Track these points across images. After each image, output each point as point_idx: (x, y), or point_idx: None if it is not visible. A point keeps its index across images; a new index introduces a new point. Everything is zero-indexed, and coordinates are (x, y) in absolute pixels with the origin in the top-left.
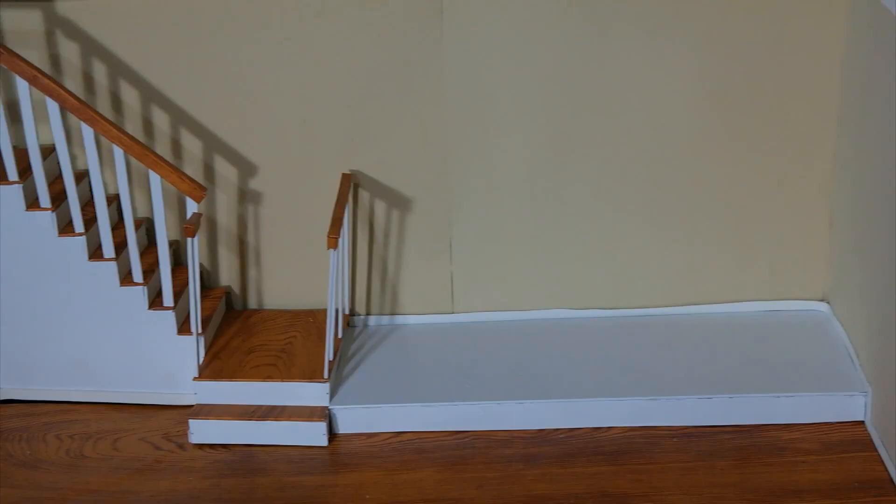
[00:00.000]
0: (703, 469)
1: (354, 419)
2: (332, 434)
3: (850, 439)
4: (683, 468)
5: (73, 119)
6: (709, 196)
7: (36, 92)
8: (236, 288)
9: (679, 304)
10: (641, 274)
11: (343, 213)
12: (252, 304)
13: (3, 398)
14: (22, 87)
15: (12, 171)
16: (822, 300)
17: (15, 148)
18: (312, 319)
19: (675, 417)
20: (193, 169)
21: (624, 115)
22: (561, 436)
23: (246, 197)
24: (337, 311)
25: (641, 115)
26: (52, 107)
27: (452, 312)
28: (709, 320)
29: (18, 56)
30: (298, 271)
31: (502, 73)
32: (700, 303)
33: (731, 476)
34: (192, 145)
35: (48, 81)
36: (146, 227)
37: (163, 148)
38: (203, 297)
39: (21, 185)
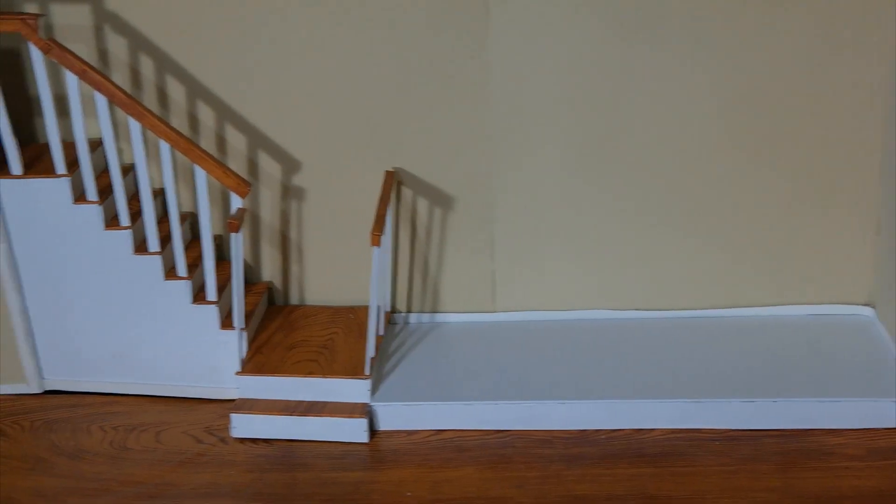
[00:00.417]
0: (747, 473)
1: (395, 416)
2: (372, 431)
3: None
4: (726, 472)
5: (119, 113)
6: (754, 199)
7: (84, 86)
8: (278, 283)
9: (723, 307)
10: (684, 276)
11: (386, 210)
12: (294, 299)
13: (47, 389)
14: (71, 81)
15: (60, 165)
16: (867, 304)
17: (62, 142)
18: (353, 316)
19: (718, 420)
20: (237, 164)
21: (666, 117)
22: (602, 437)
23: (289, 193)
24: (378, 308)
25: (683, 119)
26: (101, 101)
27: (493, 311)
28: (753, 323)
29: (68, 50)
30: (340, 268)
31: (544, 73)
32: (744, 305)
33: (774, 480)
34: (237, 141)
35: (97, 76)
36: (189, 222)
37: (207, 143)
38: (245, 292)
39: (69, 179)
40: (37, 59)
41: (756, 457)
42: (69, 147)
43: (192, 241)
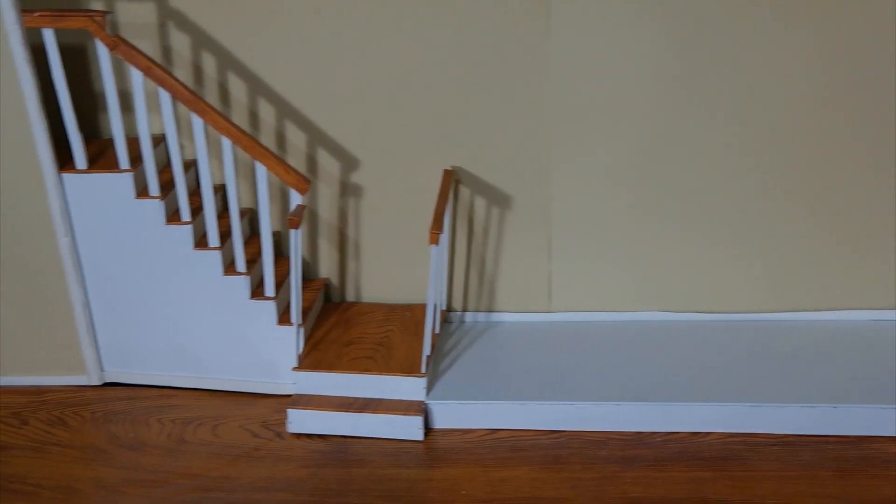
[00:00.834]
0: (805, 479)
1: (450, 415)
2: (427, 428)
3: None
4: (784, 477)
5: (181, 110)
6: (817, 202)
7: (147, 82)
8: (335, 280)
9: (783, 311)
10: (744, 278)
11: (444, 208)
12: (350, 296)
13: (107, 381)
14: (136, 77)
15: (124, 160)
16: None
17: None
18: (409, 314)
19: (775, 425)
20: (296, 161)
21: (729, 119)
22: (658, 439)
23: (347, 190)
24: (435, 306)
25: (748, 119)
26: (165, 97)
27: (550, 311)
28: (813, 327)
29: (134, 47)
30: (396, 265)
31: (605, 74)
32: (805, 309)
33: (832, 487)
34: (296, 138)
35: (161, 72)
36: (248, 218)
37: (267, 140)
38: (303, 288)
39: (132, 174)
40: (103, 56)
41: (814, 463)
42: (132, 142)
43: (251, 236)
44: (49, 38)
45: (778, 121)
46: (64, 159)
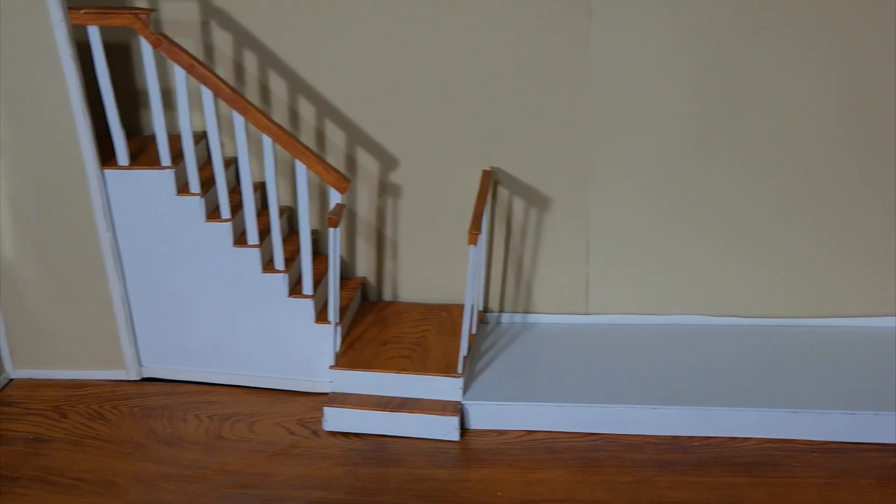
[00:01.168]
0: (845, 486)
1: (486, 415)
2: (463, 429)
3: None
4: (823, 484)
5: (221, 107)
6: (856, 207)
7: (189, 80)
8: (372, 279)
9: (823, 316)
10: (783, 283)
11: (483, 209)
12: (387, 296)
13: (145, 376)
14: (179, 75)
15: (166, 157)
16: None
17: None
18: (446, 314)
19: (815, 431)
20: (336, 160)
21: (767, 122)
22: (695, 443)
23: (385, 189)
24: (472, 306)
25: (786, 123)
26: (207, 95)
27: (586, 314)
28: (854, 333)
29: (177, 45)
30: (434, 265)
31: (646, 76)
32: (846, 315)
33: (873, 495)
34: (336, 137)
35: (204, 70)
36: (287, 216)
37: (307, 138)
38: (340, 287)
39: (173, 171)
40: (147, 53)
41: (854, 471)
42: (172, 139)
43: (289, 234)
44: (94, 35)
45: (816, 129)
46: (106, 155)
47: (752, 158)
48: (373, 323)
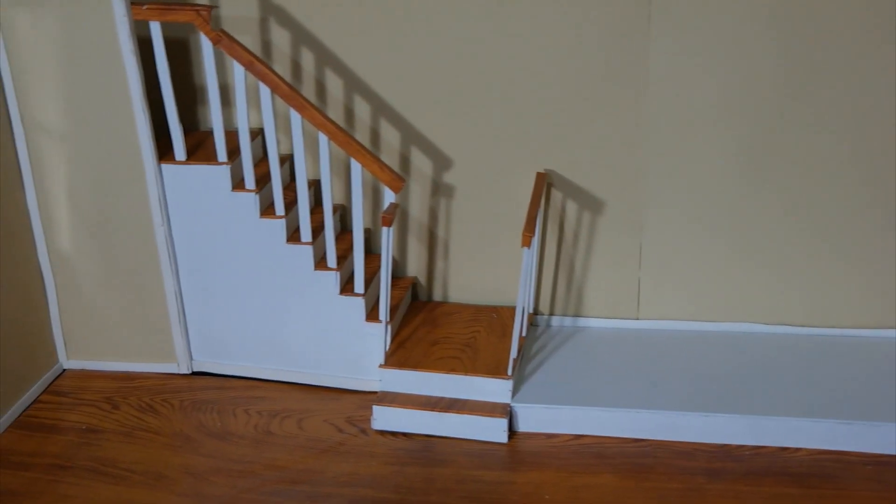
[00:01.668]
0: None
1: (535, 418)
2: (511, 431)
3: None
4: (877, 498)
5: (277, 104)
6: None
7: (247, 76)
8: (423, 279)
9: (878, 327)
10: (839, 293)
11: (537, 211)
12: (437, 296)
13: (195, 370)
14: (238, 72)
15: (222, 153)
16: None
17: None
18: (496, 315)
19: (869, 443)
20: (389, 159)
21: (829, 132)
22: (746, 452)
23: (439, 190)
24: (523, 309)
25: (848, 134)
26: (265, 92)
27: (637, 318)
28: None
29: (237, 42)
30: (485, 266)
31: (705, 81)
32: None
33: None
34: (391, 136)
35: (262, 67)
36: (339, 214)
37: (362, 137)
38: (391, 286)
39: (229, 167)
40: (206, 50)
41: None
42: (228, 136)
43: (341, 232)
44: (156, 30)
45: (880, 136)
46: (163, 150)
47: (809, 167)
48: (423, 323)
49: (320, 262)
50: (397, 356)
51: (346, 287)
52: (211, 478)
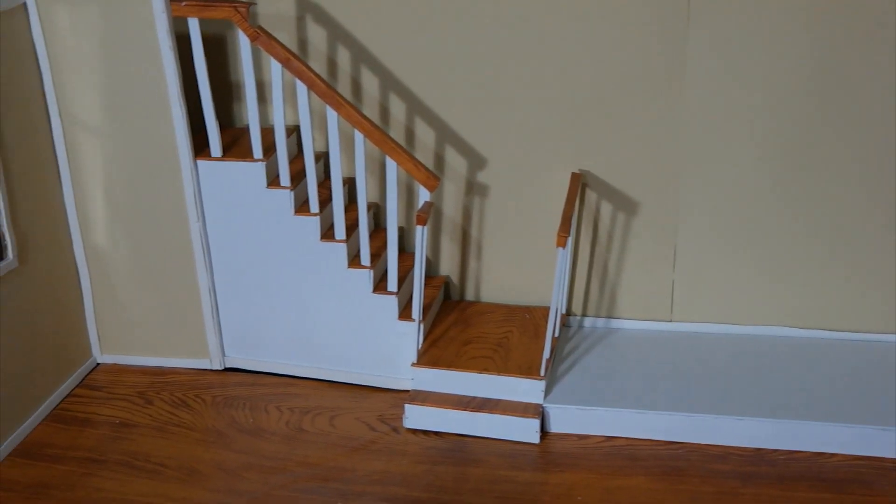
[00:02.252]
0: None
1: (567, 419)
2: (543, 432)
3: None
4: None
5: (312, 101)
6: None
7: (283, 73)
8: (455, 278)
9: None
10: (874, 299)
11: (572, 211)
12: (469, 295)
13: (228, 366)
14: (275, 69)
15: (258, 150)
16: None
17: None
18: (529, 316)
19: None
20: (424, 157)
21: (869, 135)
22: (780, 457)
23: (472, 189)
24: (556, 309)
25: (884, 145)
26: (301, 89)
27: (671, 321)
28: None
29: (274, 39)
30: (518, 266)
31: (743, 84)
32: None
33: None
34: (425, 135)
35: (300, 64)
36: (373, 212)
37: (396, 135)
38: (424, 284)
39: (264, 164)
40: (244, 46)
41: None
42: (263, 132)
43: (374, 230)
44: (194, 27)
45: None
46: (199, 146)
47: (846, 172)
48: (455, 322)
49: (354, 260)
50: (429, 355)
51: (379, 285)
52: (243, 473)
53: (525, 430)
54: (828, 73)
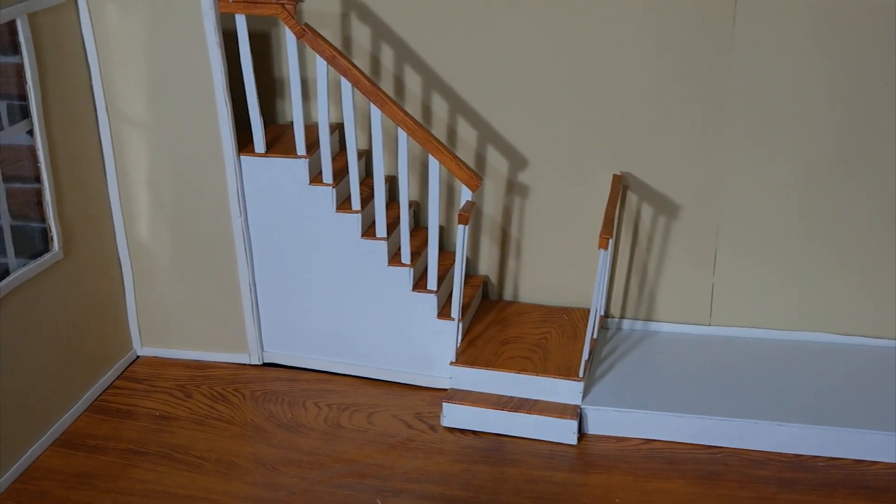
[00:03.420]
0: None
1: (605, 421)
2: (581, 433)
3: None
4: None
5: (357, 100)
6: None
7: (328, 71)
8: (494, 278)
9: None
10: None
11: (614, 213)
12: (507, 295)
13: (266, 361)
14: (321, 66)
15: (301, 146)
16: None
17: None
18: (567, 317)
19: None
20: (465, 157)
21: None
22: (821, 464)
23: (513, 189)
24: (596, 310)
25: None
26: (346, 87)
27: (709, 325)
28: None
29: (320, 36)
30: (557, 267)
31: (788, 88)
32: None
33: None
34: (467, 134)
35: (345, 62)
36: (413, 210)
37: (438, 133)
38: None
39: (307, 160)
40: (290, 43)
41: None
42: (306, 129)
43: (414, 229)
44: (241, 23)
45: None
46: (243, 142)
47: (889, 179)
48: (493, 322)
49: (394, 258)
50: (468, 354)
51: (419, 283)
52: (281, 468)
53: (563, 432)
54: (876, 76)
